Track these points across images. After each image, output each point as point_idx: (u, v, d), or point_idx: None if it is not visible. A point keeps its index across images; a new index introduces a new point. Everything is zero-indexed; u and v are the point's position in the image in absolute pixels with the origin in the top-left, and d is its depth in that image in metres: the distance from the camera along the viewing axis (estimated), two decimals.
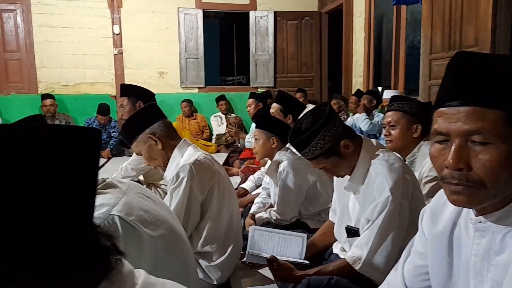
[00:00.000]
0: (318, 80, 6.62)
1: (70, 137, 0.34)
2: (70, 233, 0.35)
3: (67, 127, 0.35)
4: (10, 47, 5.69)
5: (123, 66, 5.98)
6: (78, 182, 0.35)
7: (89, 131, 0.36)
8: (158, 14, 6.03)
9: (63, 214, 0.34)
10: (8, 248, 0.31)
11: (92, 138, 0.35)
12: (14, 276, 0.32)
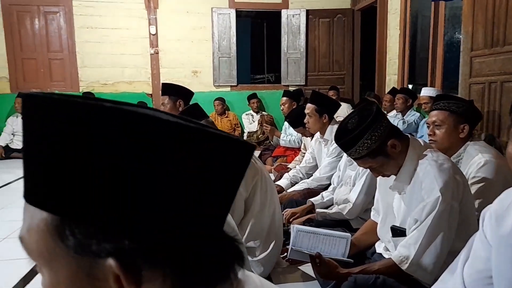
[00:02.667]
0: (350, 78, 6.55)
1: (229, 147, 0.37)
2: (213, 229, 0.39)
3: (228, 136, 0.37)
4: (53, 47, 5.99)
5: (158, 65, 6.16)
6: (225, 189, 0.39)
7: (246, 145, 0.39)
8: (193, 14, 6.16)
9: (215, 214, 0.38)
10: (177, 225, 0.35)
11: (248, 152, 0.39)
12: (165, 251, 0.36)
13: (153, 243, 0.35)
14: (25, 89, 5.83)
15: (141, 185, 0.34)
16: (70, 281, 0.36)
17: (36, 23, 5.89)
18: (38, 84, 5.99)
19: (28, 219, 0.37)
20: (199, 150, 0.35)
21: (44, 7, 5.85)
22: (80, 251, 0.35)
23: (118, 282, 0.35)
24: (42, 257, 0.37)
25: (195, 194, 0.36)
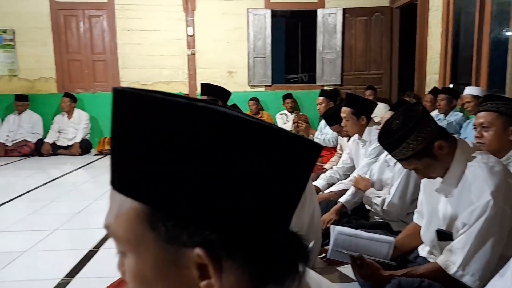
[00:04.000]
0: (388, 77, 6.40)
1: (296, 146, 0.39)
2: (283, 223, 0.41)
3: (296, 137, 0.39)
4: (97, 49, 6.27)
5: (195, 66, 6.30)
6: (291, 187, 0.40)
7: (315, 145, 0.40)
8: (229, 15, 6.25)
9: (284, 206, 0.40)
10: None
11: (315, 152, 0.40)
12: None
13: (234, 235, 0.37)
14: (70, 89, 6.15)
15: (228, 182, 0.36)
16: (156, 266, 0.38)
17: (81, 26, 6.20)
18: (82, 85, 6.30)
19: (116, 207, 0.39)
20: (277, 150, 0.37)
21: (88, 11, 6.15)
22: (169, 240, 0.37)
23: (200, 270, 0.37)
24: (130, 244, 0.39)
25: (270, 191, 0.38)
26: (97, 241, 2.42)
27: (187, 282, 0.38)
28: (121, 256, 0.42)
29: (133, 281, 0.40)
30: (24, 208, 3.24)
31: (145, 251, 0.38)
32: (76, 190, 3.95)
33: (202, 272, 0.37)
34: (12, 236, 2.59)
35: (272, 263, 0.40)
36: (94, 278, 1.99)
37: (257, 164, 0.36)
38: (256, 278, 0.40)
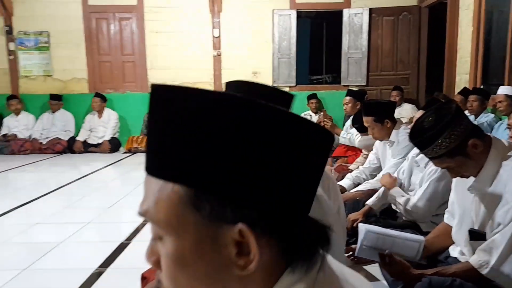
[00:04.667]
0: (415, 78, 6.27)
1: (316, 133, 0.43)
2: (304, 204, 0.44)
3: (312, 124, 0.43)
4: (126, 51, 6.46)
5: (220, 67, 6.38)
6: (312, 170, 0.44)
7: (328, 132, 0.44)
8: (254, 16, 6.30)
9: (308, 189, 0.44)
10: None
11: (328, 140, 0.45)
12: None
13: (269, 214, 0.41)
14: (101, 89, 6.36)
15: (263, 164, 0.39)
16: (195, 246, 0.40)
17: (111, 28, 6.40)
18: (112, 85, 6.50)
19: (155, 193, 0.41)
20: (302, 137, 0.42)
21: (119, 13, 6.34)
22: (213, 218, 0.39)
23: (237, 247, 0.40)
24: (170, 226, 0.40)
25: (296, 175, 0.42)
26: (128, 234, 2.51)
27: (224, 261, 0.40)
28: (154, 244, 0.44)
29: (170, 264, 0.42)
30: (58, 202, 3.38)
31: (185, 232, 0.40)
32: (106, 186, 4.09)
33: (240, 249, 0.40)
34: (48, 228, 2.72)
35: (300, 242, 0.43)
36: (127, 269, 2.07)
37: (285, 148, 0.40)
38: (287, 256, 0.43)
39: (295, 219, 0.43)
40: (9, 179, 4.41)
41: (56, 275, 1.98)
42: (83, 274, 1.95)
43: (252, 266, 0.40)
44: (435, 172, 2.02)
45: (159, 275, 0.45)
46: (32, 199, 3.40)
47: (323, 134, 0.43)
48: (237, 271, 0.40)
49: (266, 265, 0.42)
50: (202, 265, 0.41)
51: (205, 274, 0.41)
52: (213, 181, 0.38)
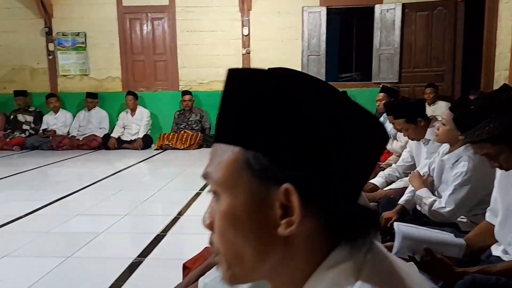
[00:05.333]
0: (450, 74, 6.07)
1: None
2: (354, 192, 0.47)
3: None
4: (158, 50, 6.62)
5: (249, 65, 6.41)
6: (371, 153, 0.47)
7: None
8: (284, 14, 6.29)
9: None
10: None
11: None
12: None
13: (317, 184, 0.44)
14: (134, 88, 6.56)
15: (319, 137, 0.43)
16: (246, 203, 0.44)
17: (144, 28, 6.58)
18: (144, 84, 6.69)
19: (218, 157, 0.47)
20: (363, 123, 0.45)
21: (152, 13, 6.51)
22: (263, 178, 0.43)
23: (283, 209, 0.44)
24: (226, 184, 0.45)
25: (352, 156, 0.45)
26: (163, 226, 2.58)
27: (269, 221, 0.44)
28: (211, 209, 0.49)
29: (222, 220, 0.46)
30: (95, 195, 3.52)
31: (238, 190, 0.45)
32: (139, 181, 4.22)
33: (285, 212, 0.43)
34: (88, 219, 2.84)
35: (346, 221, 0.45)
36: (165, 259, 2.14)
37: (341, 125, 0.44)
38: (331, 232, 0.45)
39: (342, 197, 0.45)
40: (49, 173, 4.64)
41: (98, 263, 2.07)
42: (123, 263, 2.02)
43: (294, 227, 0.43)
44: (459, 176, 1.95)
45: (212, 237, 0.49)
46: (71, 192, 3.56)
47: (381, 126, 0.47)
48: (280, 229, 0.43)
49: (311, 238, 0.45)
50: (249, 223, 0.45)
51: (251, 232, 0.45)
52: (263, 143, 0.43)
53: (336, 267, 0.44)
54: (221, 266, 0.49)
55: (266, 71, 0.46)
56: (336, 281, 0.43)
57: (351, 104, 0.45)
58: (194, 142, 6.04)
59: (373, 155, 0.48)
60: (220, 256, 0.49)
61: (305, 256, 0.45)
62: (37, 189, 3.71)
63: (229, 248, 0.47)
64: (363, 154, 0.46)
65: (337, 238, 0.46)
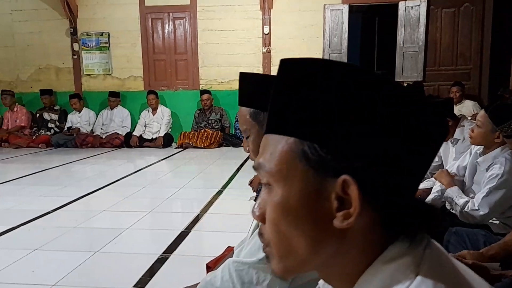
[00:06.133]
0: (477, 72, 5.89)
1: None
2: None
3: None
4: (179, 49, 6.68)
5: (270, 64, 6.40)
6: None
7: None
8: (305, 12, 6.25)
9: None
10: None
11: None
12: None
13: (375, 176, 0.42)
14: (155, 87, 6.63)
15: (377, 127, 0.41)
16: (300, 194, 0.43)
17: (166, 28, 6.65)
18: (165, 83, 6.75)
19: (270, 148, 0.46)
20: (422, 114, 0.43)
21: (173, 13, 6.57)
22: (319, 169, 0.42)
23: (338, 202, 0.42)
24: (280, 174, 0.45)
25: (411, 149, 0.43)
26: (187, 223, 2.59)
27: (324, 213, 0.43)
28: (261, 200, 0.48)
29: (275, 211, 0.45)
30: (119, 192, 3.57)
31: (293, 180, 0.44)
32: (161, 179, 4.26)
33: (340, 204, 0.42)
34: (113, 216, 2.88)
35: (405, 216, 0.44)
36: (190, 256, 2.14)
37: (400, 117, 0.42)
38: (388, 226, 0.44)
39: (401, 190, 0.44)
40: (75, 170, 4.74)
41: (125, 258, 2.10)
42: (149, 259, 2.04)
43: (351, 220, 0.42)
44: (494, 178, 1.88)
45: (262, 228, 0.49)
46: (96, 189, 3.62)
47: (440, 119, 0.45)
48: (336, 222, 0.42)
49: (367, 232, 0.44)
50: (304, 214, 0.44)
51: (305, 224, 0.44)
52: (320, 134, 0.42)
53: (394, 262, 0.43)
54: (273, 258, 0.48)
55: (320, 60, 0.45)
56: (394, 276, 0.42)
57: (411, 95, 0.43)
58: (214, 140, 6.07)
59: (431, 147, 0.46)
60: (271, 248, 0.48)
61: (361, 249, 0.44)
62: (63, 186, 3.79)
63: (281, 240, 0.46)
64: (422, 146, 0.44)
65: (393, 232, 0.44)
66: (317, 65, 0.45)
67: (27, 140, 6.32)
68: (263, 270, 0.98)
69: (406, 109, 0.43)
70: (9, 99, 6.61)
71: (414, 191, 0.46)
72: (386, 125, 0.42)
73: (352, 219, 0.42)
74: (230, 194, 3.39)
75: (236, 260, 1.01)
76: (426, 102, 0.44)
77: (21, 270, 1.95)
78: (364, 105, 0.42)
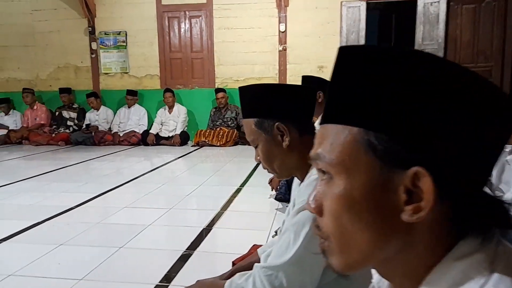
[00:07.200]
0: (499, 70, 5.76)
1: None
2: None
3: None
4: (195, 48, 6.71)
5: (286, 62, 6.38)
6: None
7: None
8: (321, 9, 6.20)
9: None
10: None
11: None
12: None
13: (446, 169, 0.40)
14: (171, 85, 6.68)
15: (446, 114, 0.40)
16: (365, 186, 0.42)
17: (182, 26, 6.68)
18: (182, 81, 6.79)
19: (331, 138, 0.44)
20: (487, 101, 0.41)
21: (189, 12, 6.60)
22: (386, 160, 0.41)
23: (407, 195, 0.40)
24: (342, 165, 0.43)
25: (480, 141, 0.41)
26: (208, 221, 2.60)
27: (391, 207, 0.41)
28: (317, 192, 0.47)
29: (336, 204, 0.43)
30: (139, 189, 3.60)
31: (357, 171, 0.42)
32: (180, 177, 4.29)
33: (409, 198, 0.40)
34: (134, 212, 2.90)
35: (478, 210, 0.42)
36: (213, 253, 2.15)
37: (470, 107, 0.40)
38: (459, 221, 0.42)
39: (473, 183, 0.42)
40: (94, 167, 4.80)
41: (149, 254, 2.11)
42: (173, 255, 2.05)
43: (423, 214, 0.40)
44: None
45: (319, 221, 0.47)
46: (116, 185, 3.66)
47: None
48: (405, 216, 0.40)
49: (436, 227, 0.42)
50: (368, 207, 0.42)
51: (369, 217, 0.42)
52: (389, 124, 0.40)
53: (465, 259, 0.41)
54: (331, 253, 0.46)
55: (383, 46, 0.43)
56: (467, 273, 0.40)
57: (482, 83, 0.41)
58: (230, 139, 6.08)
59: (501, 138, 0.44)
60: (330, 242, 0.46)
61: (429, 245, 0.42)
62: (84, 182, 3.85)
63: (343, 234, 0.44)
64: (492, 136, 0.42)
65: (463, 227, 0.42)
66: (382, 51, 0.43)
67: (46, 137, 6.44)
68: (292, 272, 0.97)
69: (476, 95, 0.41)
70: (30, 97, 6.75)
71: (485, 182, 0.44)
72: (461, 113, 0.40)
73: (424, 213, 0.40)
74: (249, 192, 3.39)
75: (263, 266, 1.01)
76: (495, 88, 0.42)
77: (48, 264, 1.98)
78: (437, 91, 0.40)
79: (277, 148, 1.06)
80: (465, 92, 0.40)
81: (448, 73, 0.41)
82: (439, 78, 0.40)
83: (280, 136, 1.06)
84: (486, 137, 0.42)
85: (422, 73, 0.41)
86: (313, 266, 0.97)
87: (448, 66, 0.41)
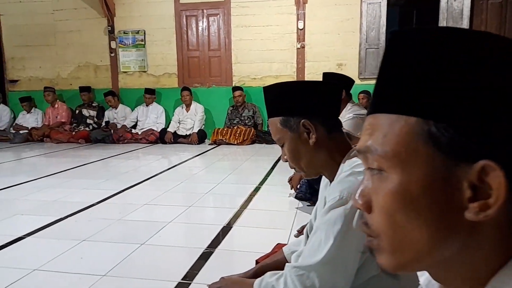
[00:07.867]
0: None
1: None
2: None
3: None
4: (213, 46, 6.71)
5: (304, 59, 6.31)
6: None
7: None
8: (341, 6, 6.11)
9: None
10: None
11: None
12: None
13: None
14: (189, 83, 6.70)
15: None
16: (423, 181, 0.38)
17: (200, 25, 6.70)
18: (199, 79, 6.81)
19: (383, 129, 0.41)
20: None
21: (207, 10, 6.61)
22: (450, 152, 0.37)
23: (472, 191, 0.37)
24: (398, 158, 0.40)
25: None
26: (228, 219, 2.58)
27: (453, 203, 0.38)
28: (365, 187, 0.44)
29: (390, 199, 0.40)
30: (158, 186, 3.62)
31: (414, 165, 0.39)
32: (198, 175, 4.29)
33: (474, 195, 0.37)
34: (155, 209, 2.91)
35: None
36: (234, 251, 2.13)
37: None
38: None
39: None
40: (113, 164, 4.86)
41: (171, 251, 2.10)
42: (195, 252, 2.03)
43: (491, 212, 0.36)
44: None
45: (367, 218, 0.43)
46: (136, 183, 3.69)
47: None
48: (470, 214, 0.37)
49: (504, 226, 0.38)
50: (427, 203, 0.39)
51: (428, 214, 0.39)
52: (455, 113, 0.37)
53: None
54: (381, 252, 0.43)
55: (443, 27, 0.39)
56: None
57: None
58: (247, 137, 6.06)
59: None
60: (380, 241, 0.42)
61: (494, 246, 0.39)
62: (105, 179, 3.89)
63: (397, 232, 0.40)
64: None
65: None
66: (441, 34, 0.39)
67: (67, 135, 6.56)
68: (324, 272, 0.94)
69: None
70: (51, 96, 6.88)
71: None
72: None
73: (492, 211, 0.36)
74: (268, 190, 3.35)
75: (295, 265, 0.99)
76: None
77: (72, 259, 1.99)
78: (505, 75, 0.36)
79: (304, 146, 1.04)
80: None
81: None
82: (507, 61, 0.37)
83: (306, 133, 1.03)
84: None
85: (494, 55, 0.37)
86: (346, 266, 0.94)
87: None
